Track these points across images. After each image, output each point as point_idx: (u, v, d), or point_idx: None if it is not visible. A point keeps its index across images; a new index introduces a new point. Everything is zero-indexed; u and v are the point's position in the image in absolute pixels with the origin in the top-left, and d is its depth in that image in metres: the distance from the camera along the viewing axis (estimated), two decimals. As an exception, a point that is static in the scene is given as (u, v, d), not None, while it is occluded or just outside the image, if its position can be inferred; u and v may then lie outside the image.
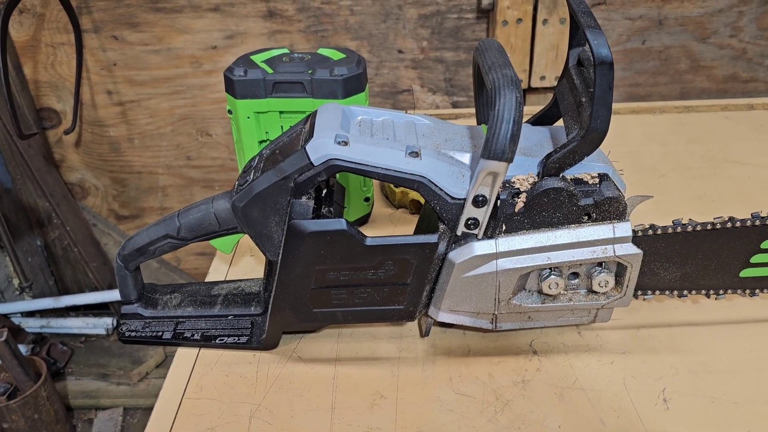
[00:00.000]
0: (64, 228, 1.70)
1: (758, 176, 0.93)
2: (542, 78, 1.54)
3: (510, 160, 0.54)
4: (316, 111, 0.63)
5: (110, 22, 1.57)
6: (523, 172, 0.60)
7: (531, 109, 0.80)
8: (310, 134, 0.59)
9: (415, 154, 0.58)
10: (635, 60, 1.63)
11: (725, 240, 0.63)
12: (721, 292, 0.67)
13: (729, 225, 0.63)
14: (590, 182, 0.59)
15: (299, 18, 1.56)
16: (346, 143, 0.58)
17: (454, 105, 1.67)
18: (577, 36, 0.64)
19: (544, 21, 1.48)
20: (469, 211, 0.58)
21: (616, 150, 0.87)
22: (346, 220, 0.58)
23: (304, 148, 0.58)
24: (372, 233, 0.60)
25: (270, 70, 0.76)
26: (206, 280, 0.78)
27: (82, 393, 1.68)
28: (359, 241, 0.58)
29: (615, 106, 1.33)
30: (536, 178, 0.59)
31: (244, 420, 0.60)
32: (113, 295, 1.74)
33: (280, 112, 0.76)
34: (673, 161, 0.97)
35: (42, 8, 1.56)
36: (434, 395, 0.62)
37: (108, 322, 1.77)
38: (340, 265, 0.60)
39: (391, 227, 0.85)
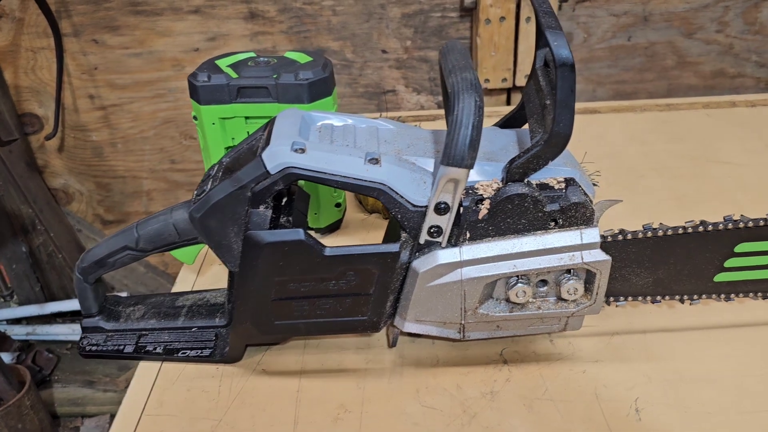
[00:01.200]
0: (48, 234, 1.68)
1: (739, 175, 0.91)
2: (527, 76, 1.52)
3: (470, 167, 0.53)
4: (275, 117, 0.61)
5: (90, 25, 1.55)
6: (486, 177, 0.58)
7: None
8: (267, 142, 0.57)
9: (375, 160, 0.57)
10: (621, 57, 1.61)
11: (698, 244, 0.62)
12: (695, 297, 0.65)
13: (701, 229, 0.61)
14: (556, 187, 0.57)
15: (281, 19, 1.54)
16: (303, 150, 0.56)
17: (440, 105, 1.65)
18: (543, 37, 0.62)
19: (527, 19, 1.46)
20: (432, 218, 0.56)
21: (595, 150, 0.86)
22: (304, 230, 0.56)
23: (260, 157, 0.56)
24: (344, 240, 0.58)
25: (234, 75, 0.74)
26: (173, 290, 0.76)
27: (68, 400, 1.66)
28: (318, 251, 0.57)
29: (597, 105, 1.31)
30: (500, 184, 0.57)
31: (204, 437, 0.58)
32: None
33: (246, 118, 0.74)
34: (653, 161, 0.96)
35: (21, 12, 1.54)
36: (400, 408, 0.60)
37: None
38: (300, 277, 0.58)
39: (364, 233, 0.84)
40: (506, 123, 0.67)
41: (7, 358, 1.65)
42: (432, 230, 0.57)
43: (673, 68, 1.62)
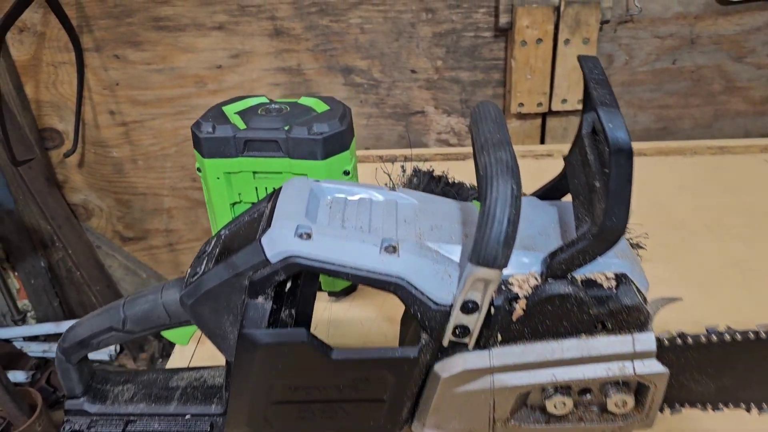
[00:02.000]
0: (66, 251, 1.63)
1: (805, 237, 0.81)
2: (564, 101, 1.42)
3: (503, 267, 0.43)
4: (280, 188, 0.53)
5: (112, 41, 1.48)
6: (522, 269, 0.48)
7: (551, 131, 0.68)
8: (269, 221, 0.49)
9: (392, 248, 0.48)
10: (665, 80, 1.49)
11: (771, 349, 0.52)
12: (764, 406, 0.55)
13: (776, 334, 0.51)
14: (605, 285, 0.48)
15: (307, 36, 1.46)
16: (308, 236, 0.47)
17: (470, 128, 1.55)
18: (591, 100, 0.53)
19: (566, 41, 1.35)
20: (458, 318, 0.47)
21: (639, 200, 0.75)
22: (308, 331, 0.48)
23: (259, 242, 0.48)
24: (359, 305, 0.50)
25: (242, 125, 0.65)
26: (168, 364, 0.68)
27: (81, 422, 1.60)
28: (324, 355, 0.48)
29: (640, 145, 1.20)
30: (538, 280, 0.48)
31: None
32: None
33: (254, 173, 0.66)
34: (706, 217, 0.85)
35: (42, 26, 1.48)
36: None
37: (111, 347, 1.69)
38: (302, 381, 0.50)
39: (381, 299, 0.75)
40: (546, 193, 0.58)
41: (21, 377, 1.60)
42: (457, 330, 0.48)
43: (721, 93, 1.50)
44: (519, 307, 0.47)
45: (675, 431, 0.58)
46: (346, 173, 0.64)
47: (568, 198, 0.58)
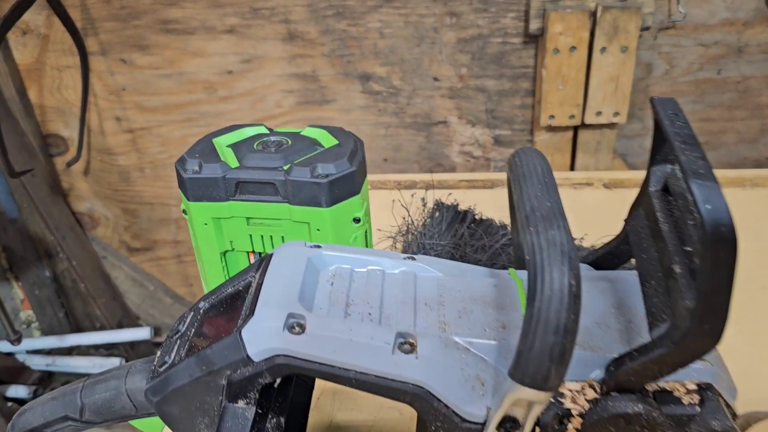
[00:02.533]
0: (69, 263, 1.54)
1: None
2: (598, 113, 1.29)
3: (554, 389, 0.32)
4: (270, 256, 0.42)
5: (118, 44, 1.38)
6: (577, 376, 0.37)
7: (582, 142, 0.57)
8: (253, 306, 0.38)
9: (410, 346, 0.36)
10: (708, 92, 1.36)
11: None
12: None
13: None
14: (685, 401, 0.36)
15: (323, 41, 1.35)
16: (302, 328, 0.36)
17: (496, 139, 1.43)
18: (662, 150, 0.41)
19: (603, 49, 1.23)
20: (491, 437, 0.36)
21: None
22: (300, 452, 0.37)
23: (239, 333, 0.37)
24: (352, 410, 0.39)
25: (234, 162, 0.54)
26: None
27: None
28: (318, 482, 0.37)
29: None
30: (597, 391, 0.37)
31: None
32: (121, 335, 1.57)
33: (248, 218, 0.55)
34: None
35: (46, 29, 1.39)
36: None
37: (116, 362, 1.61)
38: None
39: (379, 403, 0.63)
40: (600, 260, 0.46)
41: (23, 392, 1.52)
42: (491, 452, 0.37)
43: (769, 106, 1.37)
44: (572, 427, 0.36)
45: None
46: (356, 221, 0.53)
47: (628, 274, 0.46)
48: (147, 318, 1.69)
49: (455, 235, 0.67)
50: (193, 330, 0.42)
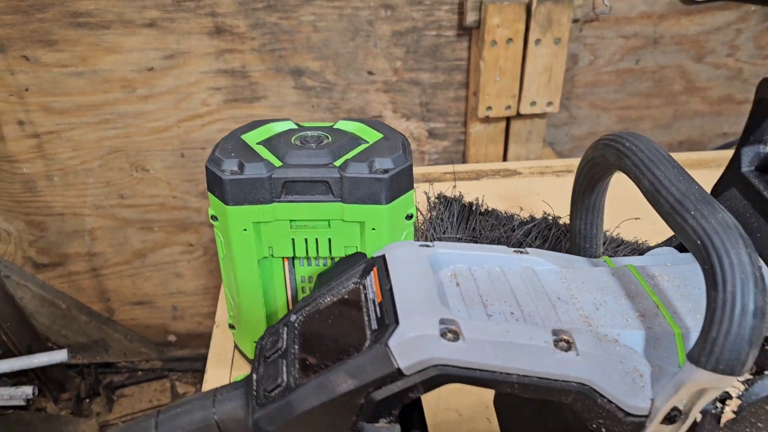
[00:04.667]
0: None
1: None
2: (533, 104, 1.34)
3: (746, 373, 0.33)
4: (381, 258, 0.40)
5: (20, 39, 1.26)
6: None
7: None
8: (393, 315, 0.36)
9: (567, 344, 0.36)
10: (628, 81, 1.46)
11: None
12: None
13: None
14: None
15: (252, 35, 1.30)
16: (456, 335, 0.34)
17: (431, 132, 1.45)
18: (757, 132, 0.44)
19: (537, 41, 1.28)
20: (654, 429, 0.36)
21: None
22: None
23: (386, 345, 0.34)
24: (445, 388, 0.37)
25: (277, 162, 0.51)
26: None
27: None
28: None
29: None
30: (751, 372, 0.38)
31: None
32: (34, 360, 1.44)
33: (291, 221, 0.52)
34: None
35: (-69, 22, 1.23)
36: None
37: (27, 391, 1.46)
38: None
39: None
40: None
41: None
42: (648, 444, 0.37)
43: (681, 94, 1.49)
44: (729, 410, 0.37)
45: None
46: (409, 217, 0.52)
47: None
48: (59, 339, 1.56)
49: (467, 228, 0.67)
50: (297, 346, 0.39)
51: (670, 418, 0.35)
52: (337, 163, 0.50)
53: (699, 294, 0.41)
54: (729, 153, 0.47)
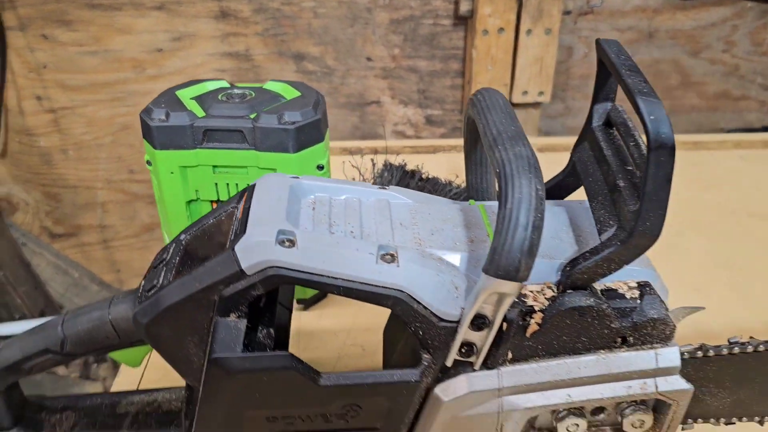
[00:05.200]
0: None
1: (786, 234, 0.78)
2: (524, 93, 1.38)
3: (524, 279, 0.38)
4: (253, 186, 0.45)
5: (39, 18, 1.35)
6: (537, 278, 0.43)
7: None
8: (243, 226, 0.41)
9: (391, 257, 0.41)
10: (623, 74, 1.48)
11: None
12: (778, 419, 0.51)
13: (802, 344, 0.47)
14: (628, 296, 0.43)
15: (256, 20, 1.37)
16: (292, 243, 0.40)
17: (428, 119, 1.50)
18: (605, 89, 0.48)
19: (528, 31, 1.31)
20: (465, 335, 0.41)
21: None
22: (292, 355, 0.41)
23: (233, 250, 0.40)
24: (330, 314, 0.44)
25: (201, 113, 0.57)
26: (114, 386, 0.60)
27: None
28: (310, 381, 0.41)
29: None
30: (555, 290, 0.42)
31: None
32: (45, 323, 1.53)
33: (214, 167, 0.58)
34: (688, 215, 0.82)
35: (-41, 1, 1.34)
36: None
37: (39, 353, 1.56)
38: (284, 411, 0.43)
39: (356, 307, 0.67)
40: (550, 191, 0.52)
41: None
42: (463, 349, 0.42)
43: (677, 88, 1.50)
44: (534, 322, 0.42)
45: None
46: (320, 168, 0.57)
47: (572, 197, 0.53)
48: (71, 307, 1.65)
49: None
50: (178, 257, 0.45)
51: (478, 325, 0.40)
52: (252, 115, 0.56)
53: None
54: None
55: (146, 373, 0.62)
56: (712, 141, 0.99)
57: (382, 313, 0.44)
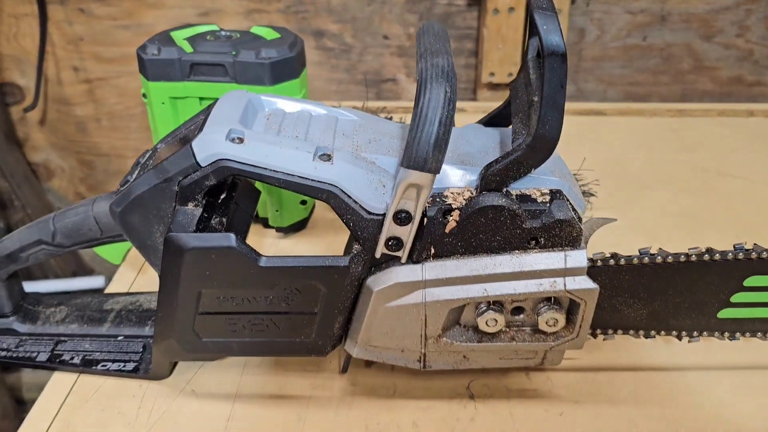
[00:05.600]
0: (24, 211, 1.60)
1: (752, 192, 0.81)
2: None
3: (435, 171, 0.43)
4: (217, 99, 0.52)
5: (77, -7, 1.46)
6: (460, 184, 0.48)
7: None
8: (201, 127, 0.48)
9: (327, 156, 0.47)
10: (635, 57, 1.50)
11: (702, 275, 0.52)
12: (695, 334, 0.55)
13: (707, 258, 0.51)
14: (539, 200, 0.48)
15: (278, -3, 1.44)
16: (240, 140, 0.47)
17: (440, 97, 1.55)
18: (535, 24, 0.53)
19: (538, 11, 1.36)
20: (390, 229, 0.47)
21: (598, 156, 0.77)
22: (236, 236, 0.47)
23: (190, 145, 0.47)
24: (308, 242, 0.50)
25: (189, 49, 0.64)
26: (108, 290, 0.67)
27: (35, 385, 1.58)
28: (251, 261, 0.47)
29: (603, 106, 1.21)
30: (473, 193, 0.48)
31: (110, 468, 0.49)
32: (74, 283, 1.64)
33: (200, 99, 0.65)
34: (660, 172, 0.86)
35: (4, -24, 1.45)
36: (343, 447, 0.51)
37: (100, 281, 1.67)
38: (230, 290, 0.49)
39: (332, 235, 0.74)
40: (491, 120, 0.58)
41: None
42: (390, 243, 0.48)
43: (689, 72, 1.52)
44: (452, 220, 0.47)
45: (608, 358, 0.59)
46: (295, 103, 0.64)
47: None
48: (101, 271, 1.76)
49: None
50: (151, 161, 0.52)
51: (401, 219, 0.46)
52: (234, 52, 0.63)
53: (467, 146, 0.51)
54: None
55: (137, 279, 0.69)
56: (698, 109, 1.02)
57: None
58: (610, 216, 0.53)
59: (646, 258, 0.51)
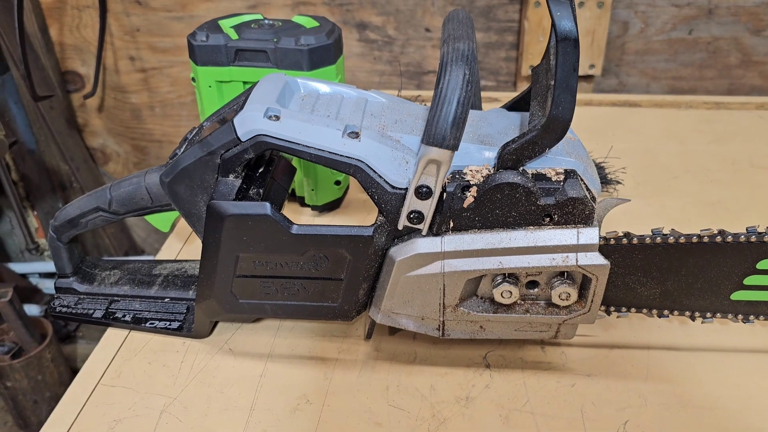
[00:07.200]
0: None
1: (784, 185, 0.82)
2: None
3: (453, 148, 0.47)
4: (257, 81, 0.57)
5: (135, -14, 1.53)
6: (479, 162, 0.52)
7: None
8: (242, 106, 0.53)
9: (355, 134, 0.51)
10: (680, 51, 1.50)
11: (715, 257, 0.54)
12: (708, 315, 0.58)
13: (719, 240, 0.54)
14: (553, 179, 0.51)
15: (324, -10, 1.49)
16: (277, 118, 0.51)
17: (483, 90, 1.58)
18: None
19: (580, 4, 1.37)
20: (412, 203, 0.51)
21: (627, 145, 0.79)
22: (271, 204, 0.52)
23: (232, 122, 0.52)
24: (341, 220, 0.54)
25: (235, 36, 0.69)
26: (157, 257, 0.73)
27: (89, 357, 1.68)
28: (285, 228, 0.52)
29: (636, 97, 1.22)
30: (491, 171, 0.51)
31: (154, 414, 0.55)
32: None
33: (244, 82, 0.70)
34: (690, 162, 0.87)
35: (69, -30, 1.54)
36: (365, 405, 0.55)
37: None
38: (265, 255, 0.54)
39: (365, 214, 0.79)
40: (514, 105, 0.61)
41: (35, 310, 1.67)
42: (412, 216, 0.52)
43: (737, 67, 1.50)
44: (470, 195, 0.51)
45: (623, 336, 0.62)
46: (332, 88, 0.68)
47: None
48: (152, 252, 1.85)
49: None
50: (198, 137, 0.57)
51: (422, 194, 0.50)
52: (275, 39, 0.68)
53: (488, 128, 0.55)
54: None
55: (183, 248, 0.75)
56: (735, 102, 1.03)
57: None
58: (639, 203, 0.56)
59: (659, 238, 0.54)
